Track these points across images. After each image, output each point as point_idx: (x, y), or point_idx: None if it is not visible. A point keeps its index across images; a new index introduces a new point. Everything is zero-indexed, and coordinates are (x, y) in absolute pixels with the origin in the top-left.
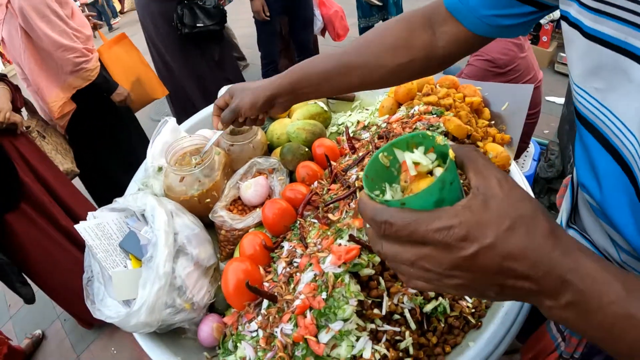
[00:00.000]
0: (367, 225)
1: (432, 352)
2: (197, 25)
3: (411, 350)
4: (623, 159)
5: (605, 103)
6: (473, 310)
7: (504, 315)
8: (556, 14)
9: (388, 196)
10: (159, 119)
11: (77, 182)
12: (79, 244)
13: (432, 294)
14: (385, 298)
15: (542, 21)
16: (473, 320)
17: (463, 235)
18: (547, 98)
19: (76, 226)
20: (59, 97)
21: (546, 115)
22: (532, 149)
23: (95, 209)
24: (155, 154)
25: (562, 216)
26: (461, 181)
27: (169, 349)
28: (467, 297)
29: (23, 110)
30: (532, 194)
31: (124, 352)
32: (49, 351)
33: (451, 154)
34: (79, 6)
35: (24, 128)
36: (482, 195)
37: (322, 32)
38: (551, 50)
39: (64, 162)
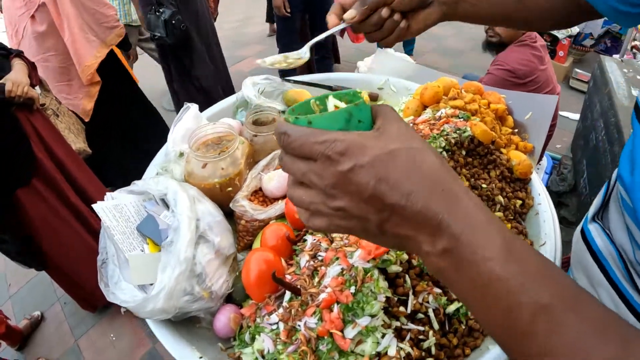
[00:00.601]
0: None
1: (452, 353)
2: (154, 34)
3: (433, 350)
4: None
5: None
6: None
7: None
8: (574, 30)
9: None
10: (171, 109)
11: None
12: (88, 225)
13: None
14: (411, 296)
15: (559, 36)
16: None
17: (342, 150)
18: (561, 113)
19: (94, 206)
20: (95, 57)
21: (560, 130)
22: (544, 162)
23: (106, 190)
24: (176, 139)
25: (590, 211)
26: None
27: (184, 337)
28: None
29: (37, 88)
30: (551, 205)
31: (123, 338)
32: (47, 334)
33: (365, 97)
34: None
35: (40, 105)
36: (377, 131)
37: (342, 33)
38: (567, 66)
39: (77, 141)
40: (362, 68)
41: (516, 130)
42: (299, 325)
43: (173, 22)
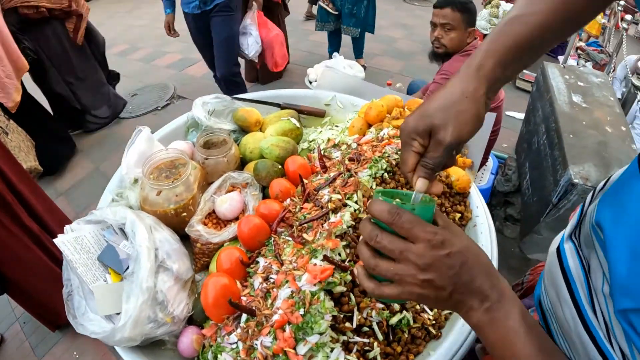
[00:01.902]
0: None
1: None
2: None
3: (379, 359)
4: None
5: None
6: (434, 322)
7: (461, 327)
8: None
9: None
10: (122, 116)
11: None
12: (42, 244)
13: (397, 307)
14: (356, 312)
15: None
16: (434, 331)
17: (442, 240)
18: (508, 113)
19: (55, 241)
20: None
21: (506, 129)
22: (490, 163)
23: (57, 208)
24: (130, 163)
25: (566, 230)
26: None
27: None
28: (428, 310)
29: None
30: (488, 214)
31: (86, 356)
32: (8, 354)
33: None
34: None
35: None
36: (447, 228)
37: (260, 58)
38: None
39: (27, 159)
40: (312, 75)
41: None
42: (256, 344)
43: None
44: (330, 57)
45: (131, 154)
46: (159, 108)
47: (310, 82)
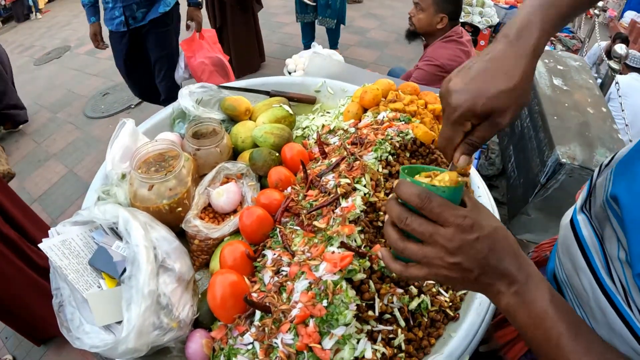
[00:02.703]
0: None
1: (419, 345)
2: None
3: (403, 346)
4: None
5: None
6: (450, 303)
7: (478, 306)
8: (494, 19)
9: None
10: (94, 116)
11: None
12: (22, 253)
13: (414, 291)
14: (377, 300)
15: (480, 26)
16: (451, 313)
17: (471, 224)
18: None
19: (40, 245)
20: None
21: None
22: None
23: (34, 213)
24: (115, 159)
25: (577, 203)
26: None
27: None
28: (443, 292)
29: None
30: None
31: None
32: None
33: (464, 180)
34: None
35: None
36: (476, 210)
37: None
38: None
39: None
40: (291, 66)
41: None
42: (276, 343)
43: None
44: (306, 49)
45: (115, 149)
46: (132, 106)
47: (290, 73)
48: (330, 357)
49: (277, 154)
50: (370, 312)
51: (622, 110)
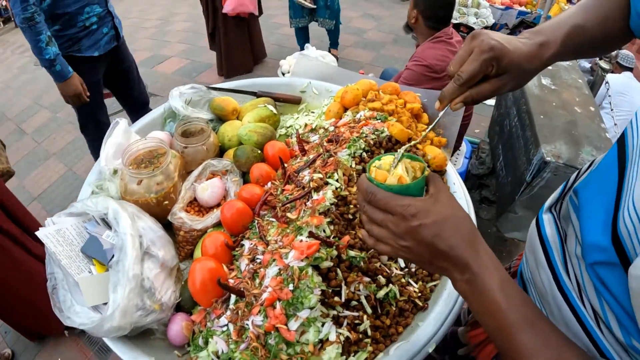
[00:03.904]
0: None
1: (387, 332)
2: None
3: (369, 332)
4: (624, 151)
5: None
6: (419, 294)
7: (447, 297)
8: (489, 20)
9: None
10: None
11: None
12: (21, 244)
13: (383, 280)
14: (344, 287)
15: (475, 27)
16: (420, 303)
17: (414, 212)
18: None
19: (37, 233)
20: None
21: (477, 115)
22: (464, 147)
23: (26, 210)
24: (108, 155)
25: (547, 202)
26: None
27: (142, 350)
28: (413, 283)
29: None
30: (465, 191)
31: None
32: None
33: (426, 172)
34: None
35: None
36: (433, 197)
37: None
38: None
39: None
40: (285, 66)
41: (429, 125)
42: (247, 324)
43: None
44: (302, 50)
45: (109, 146)
46: None
47: (284, 74)
48: (295, 337)
49: (260, 152)
50: (336, 298)
51: (612, 110)
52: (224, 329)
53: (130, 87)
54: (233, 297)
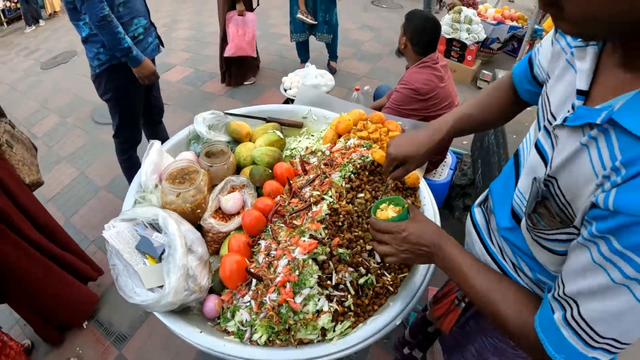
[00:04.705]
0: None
1: (365, 309)
2: None
3: (352, 307)
4: (518, 161)
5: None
6: (391, 282)
7: (412, 285)
8: (481, 35)
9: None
10: (102, 122)
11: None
12: (52, 255)
13: (363, 271)
14: (334, 274)
15: (467, 42)
16: (392, 289)
17: (403, 229)
18: None
19: (104, 234)
20: None
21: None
22: (449, 159)
23: (52, 218)
24: (147, 172)
25: (477, 200)
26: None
27: (186, 322)
28: (386, 274)
29: None
30: (433, 203)
31: (88, 351)
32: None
33: (406, 206)
34: None
35: None
36: (412, 219)
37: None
38: (475, 68)
39: (30, 174)
40: (287, 83)
41: None
42: (265, 300)
43: None
44: (302, 62)
45: (147, 164)
46: None
47: (285, 90)
48: (299, 308)
49: (270, 171)
50: (329, 282)
51: None
52: (247, 304)
53: (155, 96)
54: (254, 281)
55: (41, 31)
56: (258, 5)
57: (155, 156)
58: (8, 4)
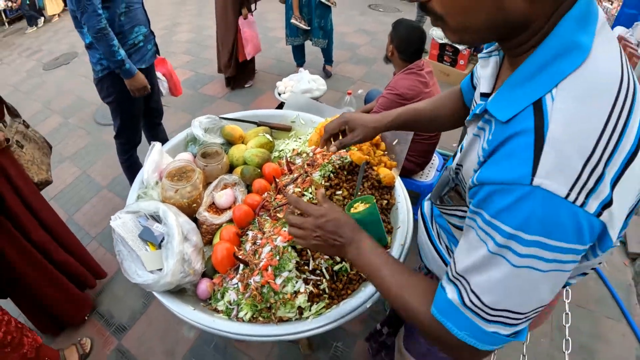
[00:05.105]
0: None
1: (340, 293)
2: None
3: (327, 291)
4: None
5: None
6: None
7: None
8: None
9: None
10: (104, 123)
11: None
12: (49, 255)
13: (338, 259)
14: (311, 260)
15: (459, 47)
16: (364, 276)
17: (322, 214)
18: None
19: (111, 223)
20: None
21: (457, 130)
22: (436, 161)
23: (59, 218)
24: (149, 170)
25: (428, 195)
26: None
27: (182, 301)
28: None
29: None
30: (408, 201)
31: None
32: None
33: (373, 201)
34: None
35: (5, 140)
36: (329, 207)
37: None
38: (466, 72)
39: (39, 172)
40: (281, 88)
41: (386, 152)
42: (250, 282)
43: None
44: (298, 66)
45: (149, 164)
46: None
47: (280, 94)
48: (279, 288)
49: (259, 170)
50: (306, 267)
51: None
52: (235, 285)
53: (155, 100)
54: (241, 266)
55: (42, 32)
56: (256, 9)
57: (156, 156)
58: (10, 4)
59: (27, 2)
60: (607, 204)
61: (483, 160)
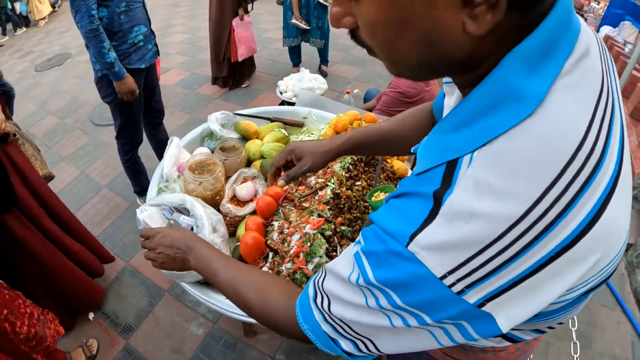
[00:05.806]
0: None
1: None
2: None
3: None
4: None
5: None
6: None
7: None
8: None
9: None
10: (101, 123)
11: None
12: (63, 246)
13: None
14: (339, 247)
15: None
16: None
17: (158, 231)
18: None
19: (138, 215)
20: None
21: None
22: None
23: (69, 211)
24: (168, 164)
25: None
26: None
27: (214, 292)
28: None
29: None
30: None
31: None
32: None
33: (394, 189)
34: None
35: (13, 135)
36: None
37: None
38: None
39: (42, 167)
40: (282, 87)
41: None
42: (282, 269)
43: None
44: (294, 66)
45: (168, 158)
46: None
47: (281, 93)
48: (312, 273)
49: None
50: (334, 253)
51: None
52: None
53: (156, 99)
54: (270, 255)
55: (33, 33)
56: (252, 9)
57: (175, 150)
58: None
59: (10, 7)
60: (496, 294)
61: (390, 197)
